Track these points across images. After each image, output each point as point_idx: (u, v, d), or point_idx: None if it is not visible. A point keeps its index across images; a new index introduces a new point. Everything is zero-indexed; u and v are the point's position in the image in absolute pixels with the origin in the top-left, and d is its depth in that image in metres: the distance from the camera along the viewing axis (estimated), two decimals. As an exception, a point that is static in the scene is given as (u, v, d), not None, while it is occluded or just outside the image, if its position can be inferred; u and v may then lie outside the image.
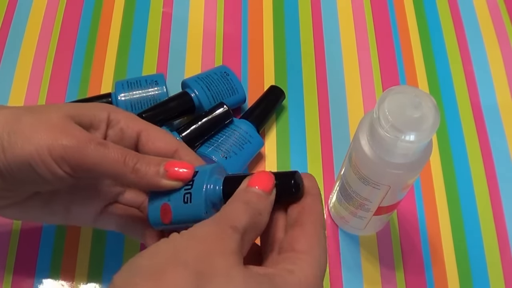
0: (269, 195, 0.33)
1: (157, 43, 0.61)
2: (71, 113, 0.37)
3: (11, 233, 0.50)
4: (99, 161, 0.35)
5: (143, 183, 0.35)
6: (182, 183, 0.35)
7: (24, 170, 0.35)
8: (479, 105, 0.59)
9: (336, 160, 0.55)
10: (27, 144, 0.34)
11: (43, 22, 0.62)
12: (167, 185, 0.35)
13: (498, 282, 0.50)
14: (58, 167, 0.35)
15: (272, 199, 0.33)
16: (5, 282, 0.48)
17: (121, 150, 0.35)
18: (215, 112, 0.52)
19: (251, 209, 0.32)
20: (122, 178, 0.35)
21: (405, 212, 0.52)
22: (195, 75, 0.55)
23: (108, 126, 0.39)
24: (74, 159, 0.34)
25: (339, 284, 0.49)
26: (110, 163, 0.35)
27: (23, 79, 0.58)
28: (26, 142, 0.34)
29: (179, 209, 0.35)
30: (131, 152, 0.36)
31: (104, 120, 0.38)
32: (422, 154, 0.38)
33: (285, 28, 0.63)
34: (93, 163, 0.35)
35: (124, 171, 0.35)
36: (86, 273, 0.48)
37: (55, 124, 0.35)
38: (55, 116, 0.36)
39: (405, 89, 0.37)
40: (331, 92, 0.59)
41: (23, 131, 0.34)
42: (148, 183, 0.35)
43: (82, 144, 0.35)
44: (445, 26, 0.64)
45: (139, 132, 0.39)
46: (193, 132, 0.51)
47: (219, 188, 0.35)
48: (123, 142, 0.39)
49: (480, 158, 0.56)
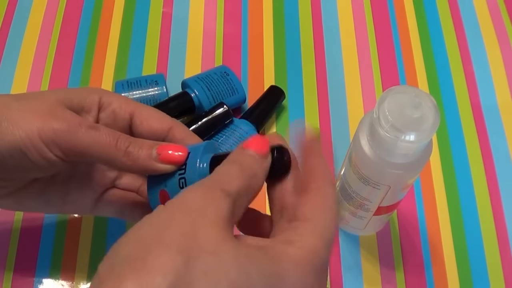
0: (265, 158, 0.31)
1: (157, 43, 0.61)
2: (61, 97, 0.36)
3: (11, 232, 0.50)
4: (90, 144, 0.34)
5: (135, 167, 0.35)
6: (176, 166, 0.34)
7: (16, 157, 0.34)
8: (479, 105, 0.59)
9: (336, 160, 0.55)
10: (17, 129, 0.34)
11: (43, 22, 0.62)
12: (161, 168, 0.34)
13: (498, 282, 0.50)
14: (50, 151, 0.34)
15: (268, 163, 0.31)
16: (5, 282, 0.48)
17: (112, 133, 0.35)
18: (215, 112, 0.52)
19: (246, 171, 0.30)
20: (115, 162, 0.35)
21: (405, 212, 0.52)
22: (195, 75, 0.55)
23: (100, 109, 0.38)
24: (65, 142, 0.34)
25: (339, 284, 0.49)
26: (102, 147, 0.34)
27: (23, 79, 0.58)
28: (16, 127, 0.34)
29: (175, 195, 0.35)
30: (123, 135, 0.35)
31: (95, 103, 0.38)
32: (422, 154, 0.38)
33: (285, 28, 0.63)
34: (84, 147, 0.34)
35: (116, 154, 0.34)
36: (86, 272, 0.48)
37: (45, 109, 0.35)
38: (45, 101, 0.35)
39: (405, 89, 0.37)
40: (331, 92, 0.59)
41: (12, 117, 0.34)
42: (141, 167, 0.35)
43: (73, 127, 0.34)
44: (445, 26, 0.64)
45: (132, 113, 0.38)
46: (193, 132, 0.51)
47: (206, 165, 0.34)
48: (116, 124, 0.38)
49: (480, 158, 0.56)
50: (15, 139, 0.34)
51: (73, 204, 0.41)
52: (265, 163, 0.31)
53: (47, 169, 0.35)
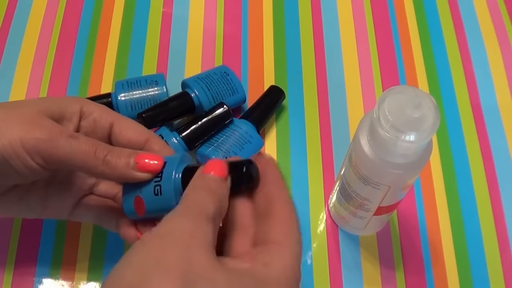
0: (225, 181, 0.33)
1: (157, 43, 0.61)
2: (43, 107, 0.37)
3: (11, 232, 0.50)
4: (70, 153, 0.35)
5: (113, 175, 0.36)
6: (152, 175, 0.36)
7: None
8: (479, 105, 0.59)
9: (336, 160, 0.55)
10: (1, 137, 0.35)
11: (43, 22, 0.62)
12: (138, 176, 0.36)
13: (498, 282, 0.50)
14: (31, 160, 0.35)
15: (228, 185, 0.33)
16: (5, 282, 0.48)
17: (91, 142, 0.36)
18: (215, 112, 0.52)
19: (215, 195, 0.32)
20: (93, 170, 0.36)
21: (405, 212, 0.52)
22: (195, 75, 0.55)
23: (81, 117, 0.40)
24: (47, 151, 0.35)
25: (339, 284, 0.49)
26: (81, 155, 0.35)
27: (23, 79, 0.58)
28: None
29: (151, 201, 0.36)
30: (101, 144, 0.36)
31: (76, 112, 0.39)
32: (422, 154, 0.38)
33: (285, 28, 0.63)
34: (65, 155, 0.35)
35: (95, 163, 0.36)
36: (86, 272, 0.48)
37: (27, 118, 0.36)
38: (27, 110, 0.36)
39: (405, 89, 0.37)
40: (331, 92, 0.59)
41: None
42: (119, 175, 0.36)
43: (54, 136, 0.35)
44: (445, 26, 0.64)
45: (112, 123, 0.40)
46: (193, 132, 0.51)
47: (178, 176, 0.35)
48: (96, 132, 0.40)
49: (480, 158, 0.56)
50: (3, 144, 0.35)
51: (52, 209, 0.42)
52: (226, 184, 0.33)
53: (29, 176, 0.36)
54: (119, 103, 0.53)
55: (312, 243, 0.51)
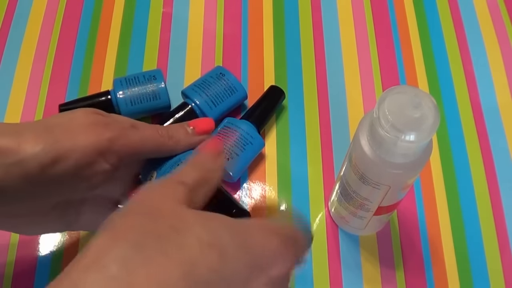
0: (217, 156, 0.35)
1: (157, 43, 0.61)
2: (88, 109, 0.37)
3: (11, 232, 0.50)
4: (140, 140, 0.37)
5: (180, 147, 0.39)
6: (209, 135, 0.40)
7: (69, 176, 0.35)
8: (479, 105, 0.59)
9: (336, 160, 0.55)
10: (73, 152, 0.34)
11: (43, 22, 0.62)
12: (200, 139, 0.39)
13: (498, 282, 0.50)
14: (105, 162, 0.35)
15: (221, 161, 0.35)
16: (5, 282, 0.48)
17: (150, 126, 0.38)
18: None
19: (200, 166, 0.34)
20: (164, 148, 0.38)
21: (405, 212, 0.52)
22: (192, 83, 0.55)
23: None
24: (122, 147, 0.36)
25: (339, 284, 0.49)
26: (150, 139, 0.37)
27: (23, 79, 0.58)
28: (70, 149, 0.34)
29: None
30: (157, 125, 0.39)
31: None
32: (422, 154, 0.38)
33: (285, 28, 0.63)
34: (137, 144, 0.37)
35: (163, 141, 0.38)
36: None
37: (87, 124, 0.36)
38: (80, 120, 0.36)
39: (405, 89, 0.37)
40: (331, 92, 0.59)
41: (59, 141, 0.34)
42: (185, 145, 0.39)
43: (122, 131, 0.36)
44: (445, 26, 0.64)
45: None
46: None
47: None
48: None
49: (480, 158, 0.56)
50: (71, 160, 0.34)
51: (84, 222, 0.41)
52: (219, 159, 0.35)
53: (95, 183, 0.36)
54: (119, 100, 0.53)
55: (312, 243, 0.51)
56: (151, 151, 0.38)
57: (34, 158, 0.33)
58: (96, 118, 0.36)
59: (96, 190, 0.38)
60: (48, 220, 0.39)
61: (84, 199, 0.40)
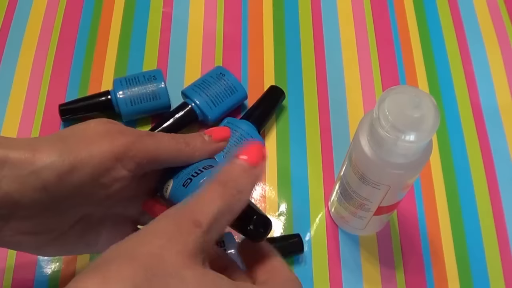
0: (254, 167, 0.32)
1: (157, 43, 0.61)
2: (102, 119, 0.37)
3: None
4: (157, 147, 0.36)
5: (198, 154, 0.37)
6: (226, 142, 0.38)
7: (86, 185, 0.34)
8: (479, 105, 0.59)
9: (336, 160, 0.55)
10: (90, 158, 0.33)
11: (43, 22, 0.62)
12: (219, 146, 0.38)
13: (498, 282, 0.50)
14: (122, 168, 0.34)
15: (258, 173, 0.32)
16: (5, 282, 0.48)
17: (166, 134, 0.37)
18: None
19: (229, 186, 0.30)
20: (181, 156, 0.37)
21: (405, 212, 0.52)
22: (192, 83, 0.55)
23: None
24: (138, 152, 0.35)
25: (339, 284, 0.49)
26: (167, 146, 0.36)
27: (23, 79, 0.58)
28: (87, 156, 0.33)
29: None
30: (172, 133, 0.38)
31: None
32: (422, 154, 0.38)
33: (285, 28, 0.63)
34: (154, 151, 0.35)
35: (180, 148, 0.36)
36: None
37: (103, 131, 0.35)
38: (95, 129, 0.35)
39: (405, 89, 0.37)
40: (331, 92, 0.59)
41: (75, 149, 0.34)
42: (203, 152, 0.37)
43: (138, 136, 0.35)
44: (445, 26, 0.64)
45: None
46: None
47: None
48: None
49: (480, 158, 0.56)
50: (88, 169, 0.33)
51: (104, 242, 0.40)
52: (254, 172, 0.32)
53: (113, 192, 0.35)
54: (119, 100, 0.53)
55: (312, 243, 0.51)
56: (168, 158, 0.36)
57: (50, 167, 0.32)
58: (110, 126, 0.35)
59: (115, 207, 0.37)
60: (68, 239, 0.38)
61: (103, 218, 0.39)
